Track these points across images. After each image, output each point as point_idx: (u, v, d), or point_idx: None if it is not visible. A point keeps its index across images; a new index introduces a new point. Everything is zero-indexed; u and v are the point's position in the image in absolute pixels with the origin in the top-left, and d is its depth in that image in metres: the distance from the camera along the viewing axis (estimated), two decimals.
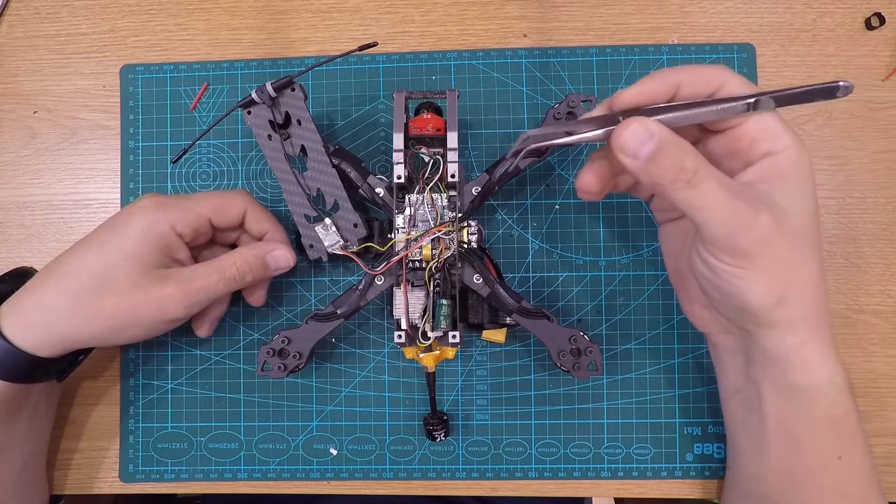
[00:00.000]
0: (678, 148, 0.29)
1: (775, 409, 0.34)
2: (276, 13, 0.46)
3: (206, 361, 0.44)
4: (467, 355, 0.44)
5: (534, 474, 0.43)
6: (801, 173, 0.31)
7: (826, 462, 0.34)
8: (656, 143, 0.29)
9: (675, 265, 0.38)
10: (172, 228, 0.37)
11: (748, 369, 0.35)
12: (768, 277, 0.30)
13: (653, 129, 0.29)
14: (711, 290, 0.33)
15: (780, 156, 0.30)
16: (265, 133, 0.39)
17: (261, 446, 0.44)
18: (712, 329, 0.37)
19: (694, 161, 0.29)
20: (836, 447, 0.34)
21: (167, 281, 0.36)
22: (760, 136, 0.30)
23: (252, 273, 0.39)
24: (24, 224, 0.46)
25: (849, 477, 0.34)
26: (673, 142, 0.29)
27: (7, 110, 0.46)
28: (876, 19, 0.44)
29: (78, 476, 0.44)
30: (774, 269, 0.30)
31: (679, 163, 0.29)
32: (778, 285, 0.31)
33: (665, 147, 0.29)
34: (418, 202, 0.38)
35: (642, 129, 0.29)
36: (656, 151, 0.29)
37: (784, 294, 0.31)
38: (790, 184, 0.30)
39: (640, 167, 0.30)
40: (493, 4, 0.45)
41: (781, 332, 0.32)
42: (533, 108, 0.44)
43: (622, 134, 0.29)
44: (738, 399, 0.37)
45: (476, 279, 0.38)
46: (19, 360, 0.35)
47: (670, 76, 0.31)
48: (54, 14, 0.47)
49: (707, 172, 0.29)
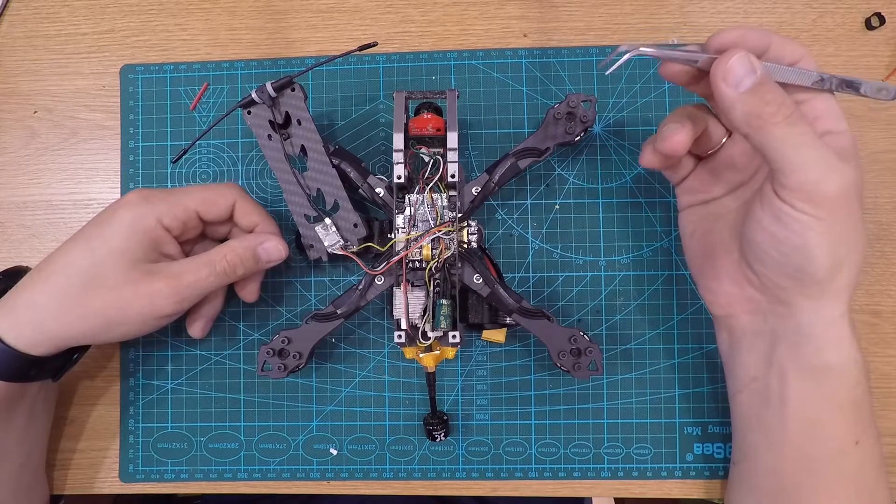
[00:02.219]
0: (777, 87, 0.30)
1: (798, 394, 0.34)
2: (276, 13, 0.46)
3: (206, 361, 0.44)
4: (467, 355, 0.44)
5: (534, 474, 0.43)
6: (857, 158, 0.32)
7: (844, 448, 0.34)
8: (759, 77, 0.29)
9: (701, 246, 0.38)
10: (159, 222, 0.37)
11: (771, 354, 0.35)
12: (837, 236, 0.31)
13: (756, 63, 0.30)
14: (771, 249, 0.33)
15: (840, 136, 0.31)
16: (265, 133, 0.39)
17: (261, 446, 0.44)
18: (737, 310, 0.36)
19: (792, 101, 0.30)
20: (856, 430, 0.34)
21: (156, 276, 0.36)
22: (824, 115, 0.32)
23: (243, 266, 0.38)
24: (24, 224, 0.46)
25: (864, 462, 0.34)
26: (772, 80, 0.30)
27: (7, 110, 0.46)
28: (876, 19, 0.44)
29: (78, 476, 0.44)
30: (844, 229, 0.31)
31: (781, 98, 0.30)
32: (841, 247, 0.31)
33: (766, 82, 0.30)
34: (418, 202, 0.38)
35: (748, 59, 0.30)
36: (759, 83, 0.29)
37: (843, 259, 0.31)
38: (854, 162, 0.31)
39: (740, 98, 0.30)
40: (493, 4, 0.45)
41: (826, 304, 0.33)
42: (533, 108, 0.44)
43: (728, 59, 0.30)
44: (752, 390, 0.37)
45: (476, 279, 0.38)
46: (12, 359, 0.35)
47: (766, 35, 0.32)
48: (54, 14, 0.47)
49: (802, 115, 0.30)
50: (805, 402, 0.34)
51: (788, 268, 0.33)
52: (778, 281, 0.34)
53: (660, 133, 0.35)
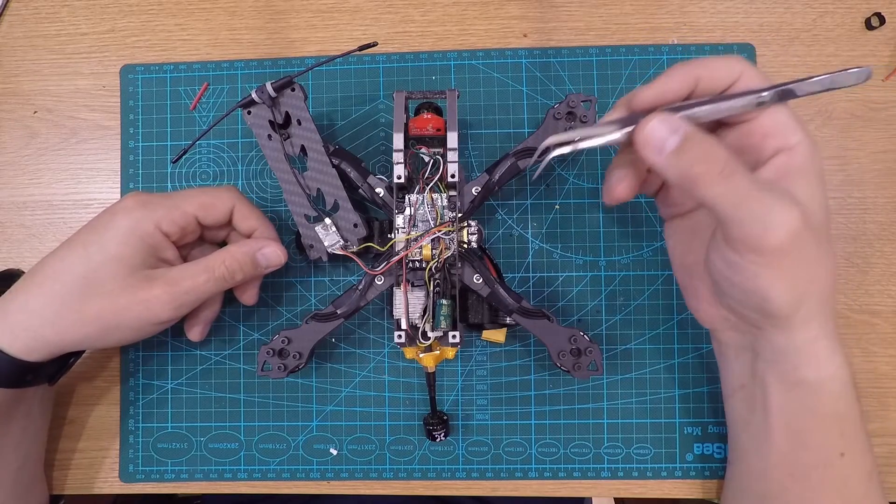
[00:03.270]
0: (705, 139, 0.28)
1: (780, 405, 0.34)
2: (276, 13, 0.46)
3: (206, 361, 0.44)
4: (467, 355, 0.44)
5: (534, 474, 0.43)
6: (815, 169, 0.30)
7: (828, 459, 0.34)
8: (682, 136, 0.28)
9: (681, 262, 0.38)
10: (157, 227, 0.36)
11: (754, 366, 0.35)
12: (792, 276, 0.30)
13: (676, 122, 0.29)
14: (729, 289, 0.33)
15: (794, 151, 0.30)
16: (265, 133, 0.39)
17: (261, 446, 0.44)
18: (718, 326, 0.37)
19: (720, 156, 0.28)
20: (839, 444, 0.34)
21: (154, 282, 0.36)
22: (773, 131, 0.30)
23: (242, 271, 0.38)
24: (24, 224, 0.46)
25: (850, 474, 0.34)
26: (699, 134, 0.29)
27: (7, 110, 0.46)
28: (876, 19, 0.44)
29: (78, 476, 0.44)
30: (798, 268, 0.30)
31: (709, 154, 0.28)
32: (800, 284, 0.30)
33: (692, 139, 0.28)
34: (418, 202, 0.38)
35: (666, 123, 0.29)
36: (683, 144, 0.28)
37: (804, 293, 0.31)
38: (807, 180, 0.30)
39: (666, 162, 0.29)
40: (493, 4, 0.45)
41: (795, 330, 0.32)
42: (533, 108, 0.44)
43: (645, 129, 0.29)
44: (740, 396, 0.37)
45: (476, 279, 0.38)
46: (7, 365, 0.35)
47: (689, 71, 0.30)
48: (54, 14, 0.47)
49: (737, 165, 0.28)
50: (787, 413, 0.34)
51: (749, 305, 0.32)
52: (744, 312, 0.34)
53: (606, 181, 0.35)
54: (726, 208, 0.29)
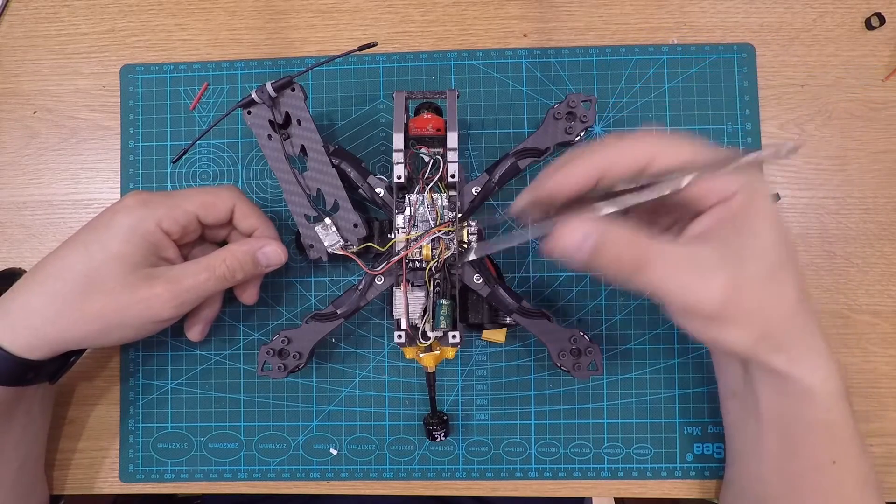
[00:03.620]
0: (615, 241, 0.29)
1: (770, 413, 0.35)
2: (276, 13, 0.46)
3: (206, 361, 0.44)
4: (467, 355, 0.44)
5: (534, 474, 0.43)
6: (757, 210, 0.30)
7: (821, 465, 0.34)
8: (594, 242, 0.29)
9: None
10: (158, 226, 0.36)
11: (745, 374, 0.36)
12: (742, 325, 0.30)
13: (586, 229, 0.29)
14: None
15: (732, 200, 0.30)
16: (265, 133, 0.39)
17: (261, 446, 0.44)
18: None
19: (633, 251, 0.29)
20: (831, 451, 0.34)
21: (155, 280, 0.36)
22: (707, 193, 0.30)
23: (243, 270, 0.38)
24: (24, 224, 0.46)
25: (844, 480, 0.34)
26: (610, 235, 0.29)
27: (7, 110, 0.46)
28: (876, 19, 0.44)
29: (78, 476, 0.44)
30: (746, 317, 0.30)
31: (618, 257, 0.29)
32: (755, 328, 0.31)
33: (603, 245, 0.29)
34: (418, 202, 0.38)
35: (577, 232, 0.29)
36: (596, 250, 0.29)
37: (763, 331, 0.31)
38: (748, 221, 0.30)
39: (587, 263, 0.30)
40: (493, 4, 0.45)
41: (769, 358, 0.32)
42: (533, 108, 0.44)
43: (558, 239, 0.29)
44: (734, 402, 0.38)
45: (476, 279, 0.38)
46: (7, 363, 0.35)
47: (591, 162, 0.30)
48: (54, 14, 0.47)
49: (652, 254, 0.29)
50: (778, 421, 0.34)
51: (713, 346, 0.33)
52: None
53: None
54: (654, 291, 0.30)
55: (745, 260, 0.30)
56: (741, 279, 0.29)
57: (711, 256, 0.30)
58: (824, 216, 0.43)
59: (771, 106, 0.44)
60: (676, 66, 0.44)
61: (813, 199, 0.44)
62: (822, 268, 0.43)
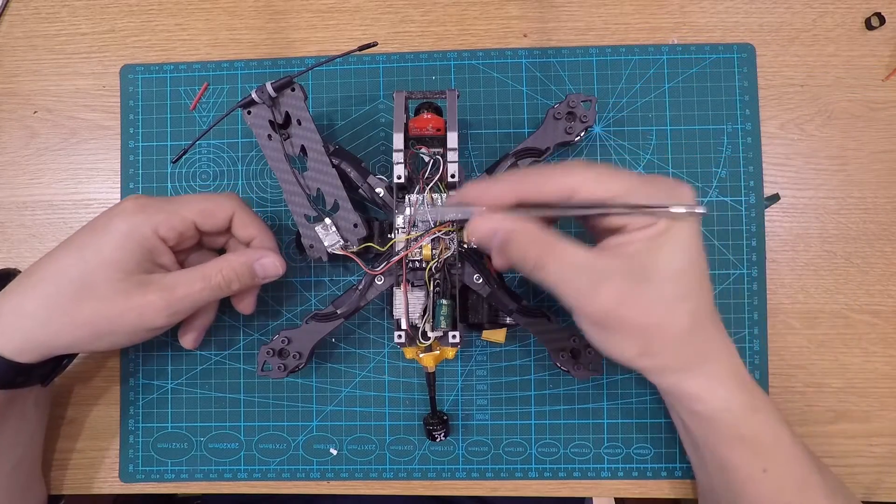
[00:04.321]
0: (522, 238, 0.32)
1: (692, 428, 0.36)
2: (276, 13, 0.46)
3: (206, 361, 0.44)
4: (467, 355, 0.44)
5: (534, 474, 0.43)
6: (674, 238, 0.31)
7: (753, 475, 0.34)
8: (503, 236, 0.32)
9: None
10: (155, 232, 0.36)
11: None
12: (625, 338, 0.32)
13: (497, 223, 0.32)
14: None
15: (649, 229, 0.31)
16: (265, 133, 0.39)
17: (261, 446, 0.44)
18: None
19: (536, 249, 0.31)
20: (758, 461, 0.34)
21: (149, 287, 0.35)
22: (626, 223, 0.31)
23: (239, 281, 0.37)
24: (24, 224, 0.46)
25: (782, 486, 0.34)
26: (518, 232, 0.32)
27: (7, 110, 0.46)
28: (876, 19, 0.44)
29: (78, 476, 0.44)
30: (629, 330, 0.32)
31: (523, 253, 0.32)
32: (635, 343, 0.32)
33: (510, 239, 0.32)
34: (418, 202, 0.38)
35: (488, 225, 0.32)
36: (504, 243, 0.32)
37: (644, 348, 0.32)
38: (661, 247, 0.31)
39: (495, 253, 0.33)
40: (493, 4, 0.45)
41: (655, 376, 0.34)
42: (533, 108, 0.44)
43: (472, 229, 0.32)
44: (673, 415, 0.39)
45: (476, 279, 0.38)
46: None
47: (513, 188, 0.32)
48: (54, 14, 0.47)
49: (549, 256, 0.31)
50: (701, 435, 0.36)
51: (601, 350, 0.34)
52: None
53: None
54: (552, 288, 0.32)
55: (643, 280, 0.31)
56: (632, 295, 0.31)
57: (610, 267, 0.31)
58: (824, 216, 0.43)
59: (771, 106, 0.44)
60: (676, 66, 0.44)
61: (813, 199, 0.44)
62: (822, 268, 0.43)
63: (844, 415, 0.43)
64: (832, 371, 0.43)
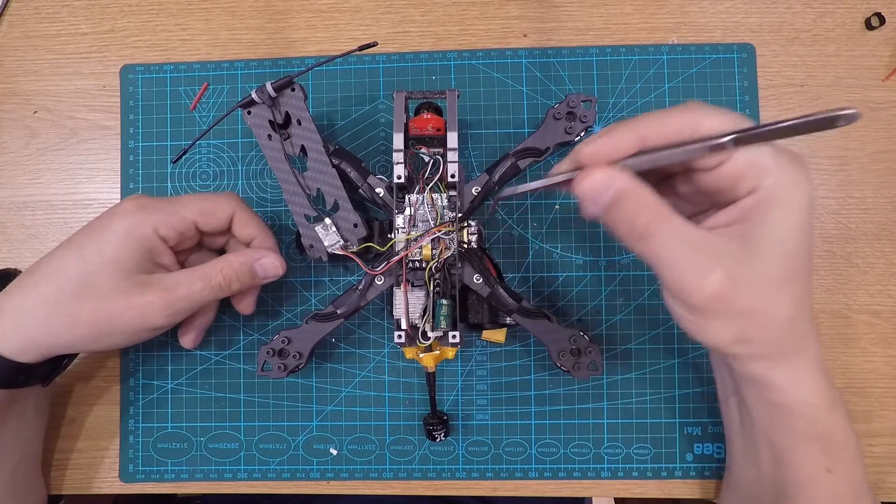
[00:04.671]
0: (635, 200, 0.29)
1: (761, 419, 0.35)
2: (276, 13, 0.46)
3: (206, 361, 0.44)
4: (467, 355, 0.44)
5: (534, 474, 0.43)
6: (786, 211, 0.28)
7: (815, 476, 0.34)
8: (614, 194, 0.28)
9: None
10: (155, 232, 0.36)
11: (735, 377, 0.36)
12: (720, 324, 0.30)
13: (611, 179, 0.28)
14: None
15: (762, 193, 0.28)
16: (265, 133, 0.39)
17: (261, 446, 0.44)
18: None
19: (647, 216, 0.29)
20: (824, 461, 0.33)
21: (149, 288, 0.35)
22: (744, 173, 0.29)
23: (239, 281, 0.38)
24: (24, 224, 0.46)
25: (838, 489, 0.34)
26: (632, 193, 0.29)
27: (7, 110, 0.46)
28: (876, 19, 0.44)
29: (78, 476, 0.44)
30: (728, 318, 0.30)
31: (632, 217, 0.29)
32: (732, 329, 0.30)
33: (622, 199, 0.29)
34: (418, 202, 0.38)
35: (601, 178, 0.29)
36: (614, 202, 0.29)
37: (740, 335, 0.30)
38: (770, 222, 0.29)
39: (601, 215, 0.29)
40: (493, 4, 0.45)
41: (743, 363, 0.32)
42: (533, 108, 0.44)
43: (582, 183, 0.29)
44: (733, 402, 0.38)
45: (476, 279, 0.38)
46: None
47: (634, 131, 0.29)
48: (54, 14, 0.47)
49: (660, 226, 0.29)
50: (768, 429, 0.34)
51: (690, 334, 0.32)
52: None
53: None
54: (652, 263, 0.30)
55: (753, 262, 0.29)
56: (740, 280, 0.29)
57: (719, 248, 0.29)
58: (824, 216, 0.43)
59: (771, 106, 0.44)
60: (676, 66, 0.44)
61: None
62: (822, 268, 0.43)
63: None
64: (832, 371, 0.43)
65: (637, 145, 0.29)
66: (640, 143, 0.29)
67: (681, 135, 0.29)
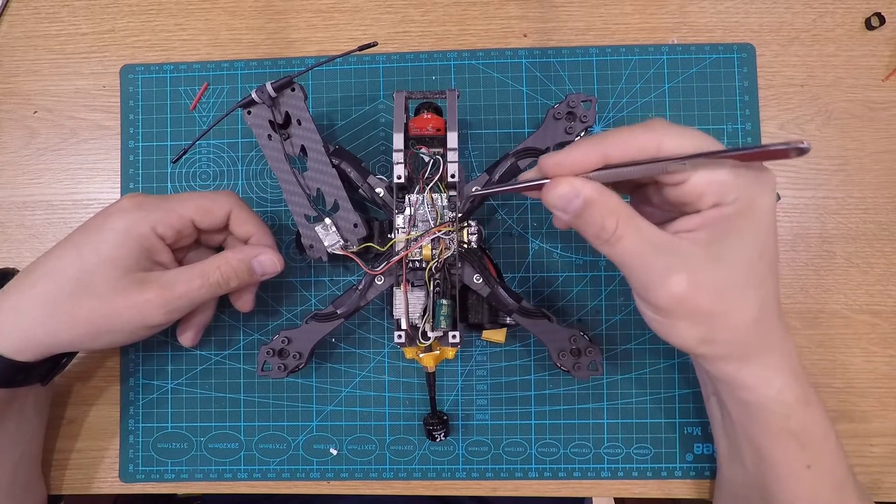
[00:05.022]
0: (602, 206, 0.30)
1: (738, 418, 0.35)
2: (276, 13, 0.46)
3: (206, 361, 0.44)
4: (467, 355, 0.44)
5: (534, 474, 0.43)
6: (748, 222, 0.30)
7: (795, 472, 0.34)
8: (582, 202, 0.30)
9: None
10: (153, 230, 0.36)
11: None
12: (686, 325, 0.31)
13: (578, 187, 0.30)
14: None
15: (724, 209, 0.29)
16: (265, 133, 0.39)
17: (261, 446, 0.44)
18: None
19: (614, 220, 0.30)
20: (802, 457, 0.34)
21: (147, 285, 0.35)
22: (705, 191, 0.29)
23: (237, 278, 0.38)
24: (24, 224, 0.46)
25: (821, 484, 0.34)
26: (598, 199, 0.30)
27: (7, 110, 0.46)
28: (876, 19, 0.44)
29: (78, 476, 0.44)
30: (693, 320, 0.31)
31: (600, 222, 0.30)
32: (697, 331, 0.31)
33: (590, 206, 0.30)
34: (418, 202, 0.38)
35: (567, 187, 0.30)
36: (583, 209, 0.30)
37: (706, 336, 0.31)
38: (737, 230, 0.30)
39: (571, 222, 0.31)
40: (493, 4, 0.45)
41: (712, 363, 0.33)
42: (533, 108, 0.44)
43: (551, 192, 0.31)
44: (713, 402, 0.38)
45: (476, 279, 0.38)
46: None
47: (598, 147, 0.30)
48: (54, 14, 0.47)
49: (626, 229, 0.30)
50: (746, 427, 0.35)
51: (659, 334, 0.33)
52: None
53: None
54: (620, 265, 0.31)
55: (716, 267, 0.30)
56: (703, 283, 0.30)
57: (684, 252, 0.30)
58: (824, 216, 0.43)
59: (771, 106, 0.44)
60: (676, 66, 0.44)
61: (813, 199, 0.44)
62: (822, 268, 0.43)
63: (844, 415, 0.43)
64: (832, 371, 0.43)
65: (601, 161, 0.30)
66: (604, 159, 0.30)
67: (643, 153, 0.30)
